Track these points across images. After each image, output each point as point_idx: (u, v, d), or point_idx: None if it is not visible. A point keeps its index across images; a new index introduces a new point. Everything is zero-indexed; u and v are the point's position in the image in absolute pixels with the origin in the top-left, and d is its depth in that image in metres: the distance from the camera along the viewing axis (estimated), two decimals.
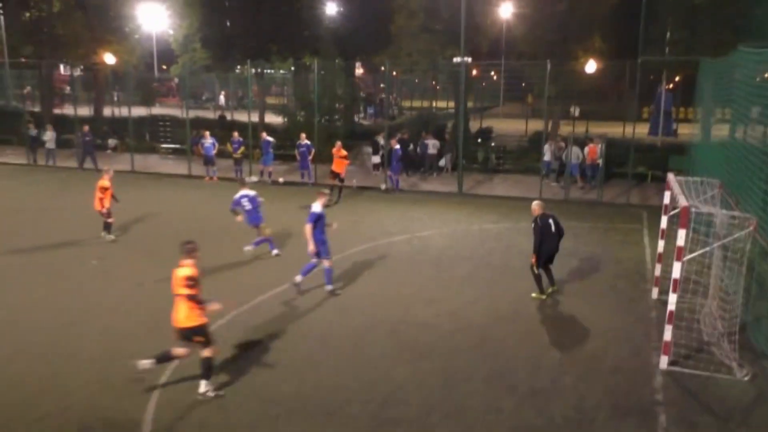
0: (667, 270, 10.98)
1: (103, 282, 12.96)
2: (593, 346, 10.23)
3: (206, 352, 8.43)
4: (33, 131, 29.29)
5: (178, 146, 31.18)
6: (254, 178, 25.29)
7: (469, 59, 32.07)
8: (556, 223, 12.14)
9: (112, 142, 33.22)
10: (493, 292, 12.63)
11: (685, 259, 9.33)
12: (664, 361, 9.37)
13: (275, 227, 17.16)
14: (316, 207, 12.05)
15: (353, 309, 11.62)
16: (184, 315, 8.34)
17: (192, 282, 8.24)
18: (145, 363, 8.60)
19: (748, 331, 10.50)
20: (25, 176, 26.05)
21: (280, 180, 25.08)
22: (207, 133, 25.95)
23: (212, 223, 18.05)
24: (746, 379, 9.07)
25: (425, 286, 12.92)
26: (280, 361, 9.48)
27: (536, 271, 12.19)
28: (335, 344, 10.10)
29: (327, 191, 12.70)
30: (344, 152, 21.46)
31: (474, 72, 42.33)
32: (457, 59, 29.87)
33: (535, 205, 12.40)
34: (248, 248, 14.81)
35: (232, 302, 10.91)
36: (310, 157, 24.14)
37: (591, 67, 26.71)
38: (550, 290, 12.35)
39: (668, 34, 28.36)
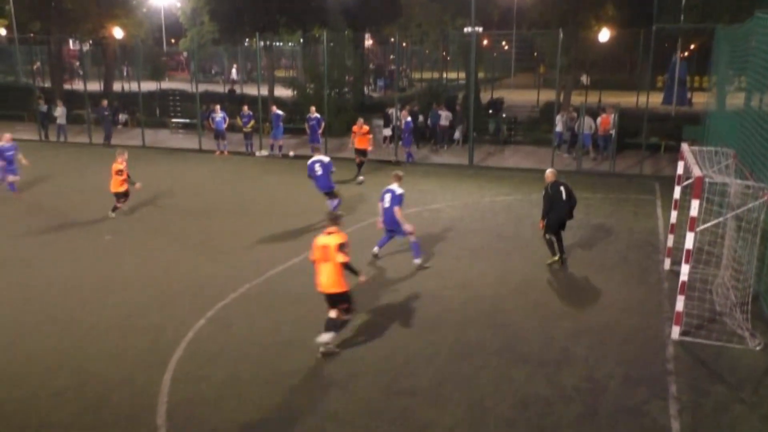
0: (679, 241, 10.94)
1: (117, 257, 13.06)
2: (605, 316, 10.23)
3: (333, 314, 8.82)
4: (43, 107, 29.35)
5: (188, 121, 31.18)
6: (265, 152, 25.31)
7: (480, 29, 31.74)
8: (568, 192, 12.14)
9: (122, 117, 33.26)
10: (504, 264, 12.63)
11: (698, 229, 9.27)
12: (675, 332, 9.36)
13: (289, 203, 17.29)
14: (398, 188, 12.30)
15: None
16: (331, 281, 8.68)
17: (346, 248, 8.63)
18: (325, 337, 8.71)
19: (761, 301, 10.46)
20: (37, 152, 26.15)
21: (291, 153, 25.04)
22: (218, 107, 25.93)
23: (224, 198, 18.14)
24: (758, 348, 9.05)
25: (436, 259, 12.93)
26: (292, 333, 9.56)
27: (547, 237, 12.27)
28: None
29: (401, 173, 12.81)
30: (366, 128, 20.96)
31: (485, 42, 41.90)
32: (467, 29, 29.55)
33: (549, 172, 12.61)
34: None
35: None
36: (320, 131, 24.07)
37: (604, 35, 26.32)
38: (557, 257, 12.37)
39: (683, 1, 27.82)
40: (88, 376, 8.33)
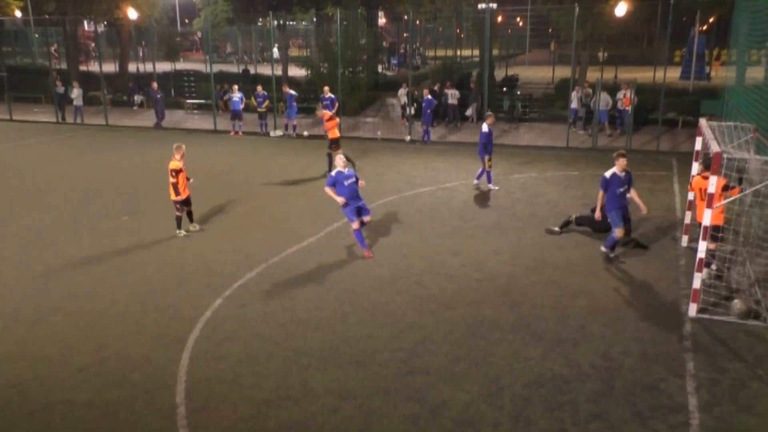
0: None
1: (134, 237, 13.18)
2: (621, 294, 10.20)
3: (712, 245, 10.03)
4: (60, 89, 29.52)
5: (203, 101, 31.22)
6: (279, 133, 25.31)
7: (494, 5, 31.34)
8: None
9: (137, 98, 33.36)
10: (519, 242, 12.59)
11: (716, 206, 9.17)
12: (693, 309, 9.31)
13: (304, 183, 17.32)
14: (609, 170, 11.35)
15: (379, 261, 11.69)
16: (710, 215, 9.59)
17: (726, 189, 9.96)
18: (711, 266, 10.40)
19: None
20: (54, 134, 26.37)
21: (305, 133, 25.04)
22: (235, 87, 25.96)
23: (239, 178, 18.19)
24: None
25: (450, 237, 12.93)
26: (308, 312, 9.63)
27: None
28: (362, 295, 10.20)
29: (624, 151, 11.46)
30: (329, 113, 18.69)
31: (499, 19, 41.40)
32: (481, 6, 29.18)
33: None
34: (476, 182, 16.68)
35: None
36: (333, 110, 23.99)
37: (621, 9, 25.88)
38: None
39: None
40: (108, 354, 8.46)
